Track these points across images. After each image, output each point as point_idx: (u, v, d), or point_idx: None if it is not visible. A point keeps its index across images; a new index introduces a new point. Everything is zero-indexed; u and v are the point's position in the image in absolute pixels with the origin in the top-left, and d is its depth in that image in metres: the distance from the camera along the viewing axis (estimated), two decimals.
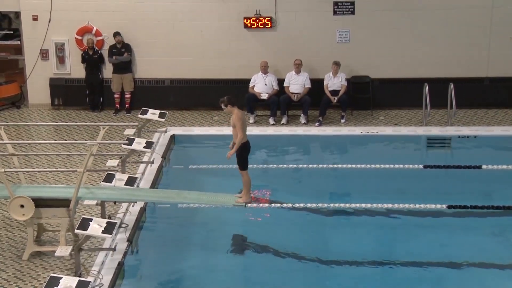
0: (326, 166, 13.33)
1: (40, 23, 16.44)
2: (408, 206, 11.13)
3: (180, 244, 10.44)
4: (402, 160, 13.05)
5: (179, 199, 10.83)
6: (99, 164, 12.74)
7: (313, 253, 10.00)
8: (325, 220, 11.13)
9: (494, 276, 9.48)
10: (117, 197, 10.59)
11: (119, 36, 16.26)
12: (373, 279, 9.48)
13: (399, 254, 10.03)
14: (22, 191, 9.96)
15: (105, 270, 9.07)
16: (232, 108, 10.55)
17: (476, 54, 16.29)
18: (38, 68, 16.67)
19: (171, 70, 16.64)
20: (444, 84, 15.14)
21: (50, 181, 12.39)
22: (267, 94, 15.70)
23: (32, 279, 9.18)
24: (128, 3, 16.37)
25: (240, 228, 11.21)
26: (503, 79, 16.34)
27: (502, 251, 10.07)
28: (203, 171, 12.98)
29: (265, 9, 16.21)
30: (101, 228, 8.82)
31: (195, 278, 9.60)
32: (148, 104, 14.23)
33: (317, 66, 16.26)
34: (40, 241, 10.17)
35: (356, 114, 16.09)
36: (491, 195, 11.85)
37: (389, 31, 16.25)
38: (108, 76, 16.62)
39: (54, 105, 16.82)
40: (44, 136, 14.88)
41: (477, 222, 10.97)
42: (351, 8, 16.19)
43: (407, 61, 16.39)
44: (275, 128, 15.34)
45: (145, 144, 11.84)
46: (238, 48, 16.43)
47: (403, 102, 16.43)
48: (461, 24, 16.16)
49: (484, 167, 12.68)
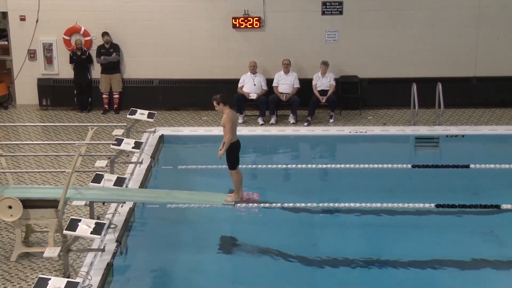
0: (315, 166, 13.35)
1: (28, 23, 16.36)
2: (397, 205, 11.16)
3: (169, 244, 10.42)
4: (390, 159, 13.07)
5: (168, 199, 10.82)
6: (88, 164, 12.70)
7: (302, 252, 10.02)
8: (314, 219, 11.15)
9: (482, 275, 9.52)
10: (106, 197, 10.57)
11: (107, 36, 16.22)
12: (362, 279, 9.50)
13: (388, 253, 10.05)
14: (10, 192, 9.91)
15: (94, 271, 9.05)
16: (224, 107, 10.54)
17: (463, 53, 16.37)
18: (25, 69, 16.59)
19: (159, 70, 16.61)
20: (432, 84, 15.20)
21: (38, 182, 12.34)
22: (256, 94, 15.71)
23: (20, 280, 9.14)
24: (116, 3, 16.32)
25: (229, 228, 11.22)
26: (491, 79, 16.43)
27: (490, 250, 10.11)
28: (192, 172, 12.96)
29: (253, 9, 16.21)
30: (90, 229, 8.81)
31: (185, 278, 9.59)
32: (136, 105, 14.20)
33: (305, 66, 16.29)
34: (29, 242, 10.13)
35: (345, 114, 16.13)
36: (479, 194, 11.90)
37: (377, 31, 16.29)
38: (96, 77, 16.57)
39: (42, 106, 16.75)
40: (32, 137, 14.81)
41: (465, 221, 11.02)
42: (339, 8, 16.21)
43: (395, 61, 16.44)
44: (264, 128, 15.35)
45: (134, 145, 11.84)
46: (226, 48, 16.42)
47: (392, 102, 16.48)
48: (448, 24, 16.23)
49: (472, 166, 12.74)
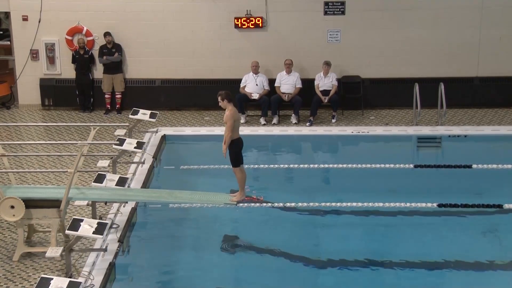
0: (317, 166, 13.34)
1: (30, 24, 16.37)
2: (399, 205, 11.16)
3: (172, 244, 10.43)
4: (392, 159, 13.06)
5: (170, 198, 10.81)
6: (90, 164, 12.71)
7: (304, 252, 10.01)
8: (316, 219, 11.14)
9: (485, 275, 9.52)
10: (108, 197, 10.57)
11: (109, 36, 16.22)
12: (364, 278, 9.49)
13: (390, 253, 10.05)
14: (12, 192, 9.92)
15: (96, 271, 9.04)
16: (227, 104, 10.52)
17: (466, 54, 16.35)
18: (28, 69, 16.61)
19: (162, 70, 16.61)
20: (435, 84, 15.19)
21: (41, 182, 12.35)
22: (258, 94, 15.71)
23: (22, 280, 9.15)
24: (119, 3, 16.33)
25: (231, 227, 11.22)
26: (493, 79, 16.41)
27: (492, 250, 10.11)
28: (194, 171, 12.96)
29: (256, 9, 16.21)
30: (92, 229, 8.81)
31: (187, 278, 9.58)
32: (139, 105, 14.20)
33: (307, 66, 16.28)
34: (31, 242, 10.14)
35: (347, 114, 16.12)
36: (481, 194, 11.89)
37: (379, 31, 16.29)
38: (98, 77, 16.58)
39: (44, 106, 16.76)
40: (35, 137, 14.83)
41: (468, 221, 11.01)
42: (342, 8, 16.21)
43: (397, 61, 16.44)
44: (266, 128, 15.35)
45: (136, 145, 11.84)
46: (229, 48, 16.42)
47: (394, 102, 16.47)
48: (451, 24, 16.22)
49: (474, 166, 12.73)
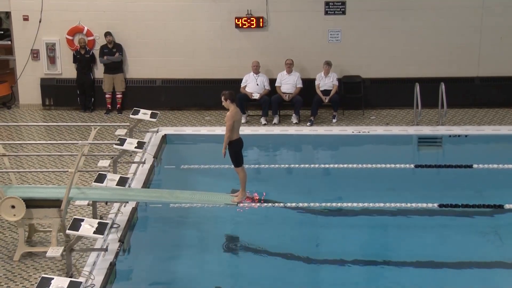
0: (317, 166, 13.34)
1: (31, 23, 16.36)
2: (400, 205, 11.16)
3: (172, 244, 10.43)
4: (393, 159, 13.07)
5: (171, 198, 10.81)
6: (91, 164, 12.71)
7: (305, 252, 10.02)
8: (316, 219, 11.15)
9: (485, 275, 9.51)
10: (109, 197, 10.57)
11: (110, 36, 16.22)
12: (364, 278, 9.50)
13: (391, 253, 10.06)
14: (13, 191, 9.92)
15: (96, 271, 9.05)
16: (230, 104, 10.49)
17: (467, 53, 16.34)
18: (28, 68, 16.60)
19: (162, 70, 16.60)
20: (435, 84, 15.18)
21: (41, 182, 12.35)
22: (259, 94, 15.70)
23: (23, 280, 9.15)
24: (119, 3, 16.32)
25: (232, 227, 11.22)
26: (494, 79, 16.40)
27: (492, 250, 10.11)
28: (195, 171, 12.97)
29: (256, 9, 16.20)
30: (93, 229, 8.81)
31: (187, 278, 9.59)
32: (139, 104, 14.21)
33: (308, 66, 16.27)
34: (31, 242, 10.14)
35: (348, 113, 16.11)
36: (482, 194, 11.89)
37: (380, 31, 16.28)
38: (99, 76, 16.57)
39: (45, 106, 16.76)
40: (35, 137, 14.82)
41: (468, 221, 11.01)
42: (342, 8, 16.20)
43: (398, 60, 16.43)
44: (266, 128, 15.35)
45: (137, 144, 11.84)
46: (229, 48, 16.41)
47: (394, 102, 16.46)
48: (452, 24, 16.21)
49: (475, 166, 12.73)
